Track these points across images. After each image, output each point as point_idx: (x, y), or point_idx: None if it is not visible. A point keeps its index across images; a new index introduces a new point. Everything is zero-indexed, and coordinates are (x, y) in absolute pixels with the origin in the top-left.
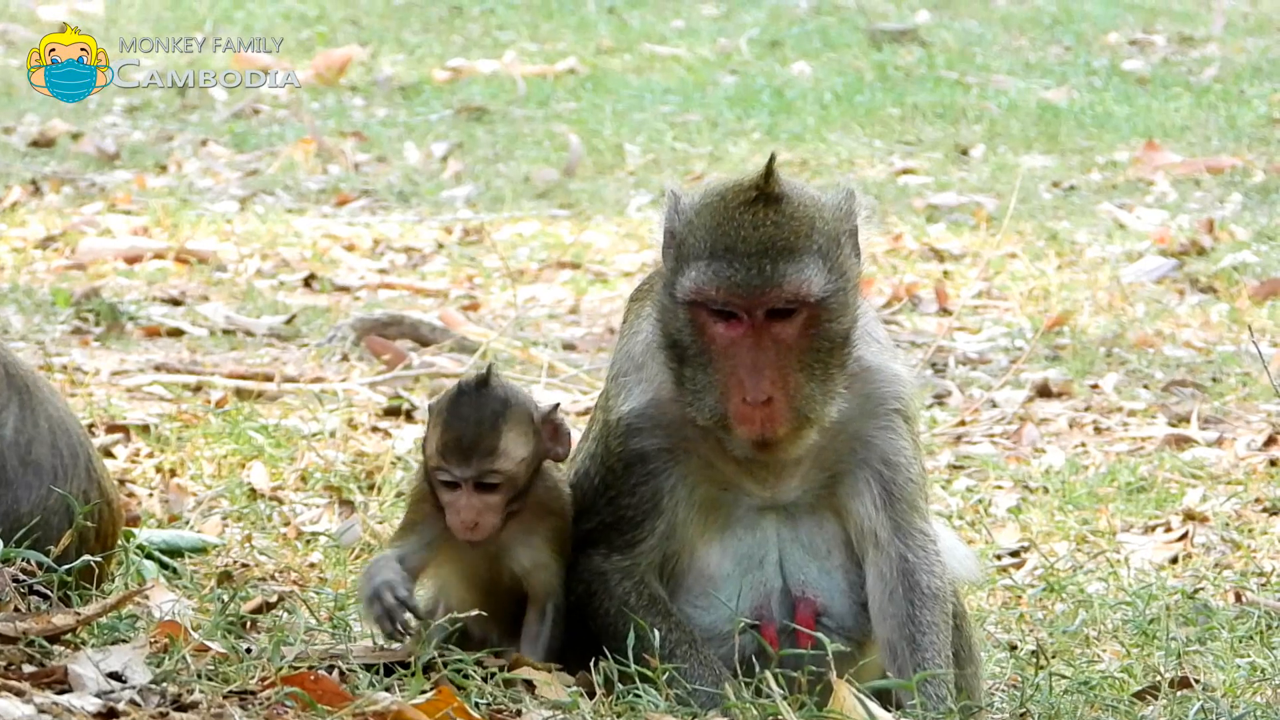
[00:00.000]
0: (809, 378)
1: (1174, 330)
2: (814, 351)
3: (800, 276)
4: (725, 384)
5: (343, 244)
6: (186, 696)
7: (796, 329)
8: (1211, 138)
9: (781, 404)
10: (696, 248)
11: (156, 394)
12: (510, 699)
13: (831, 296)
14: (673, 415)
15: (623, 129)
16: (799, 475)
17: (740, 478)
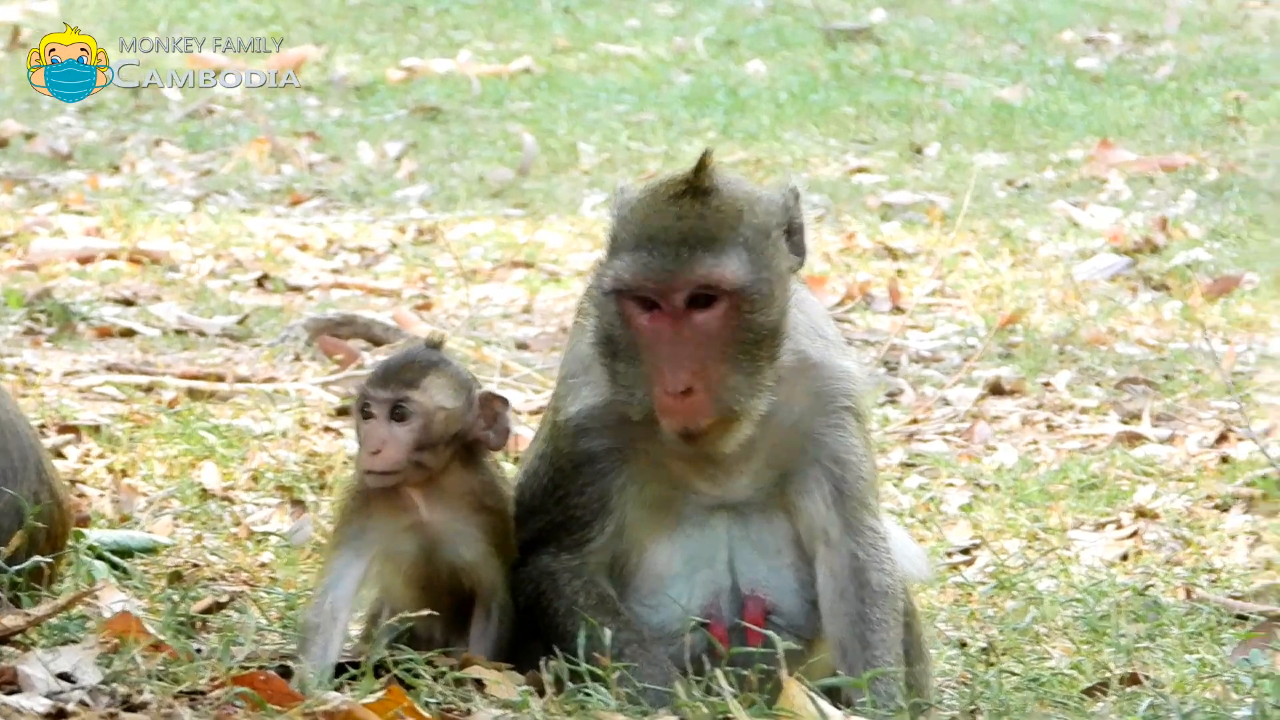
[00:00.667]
0: (733, 370)
1: (1127, 328)
2: (738, 344)
3: (717, 265)
4: (650, 376)
5: (296, 244)
6: (136, 697)
7: (718, 319)
8: (1166, 136)
9: (702, 395)
10: (625, 239)
11: (108, 394)
12: (460, 698)
13: (753, 287)
14: (620, 416)
15: (577, 128)
16: (749, 473)
17: (689, 476)
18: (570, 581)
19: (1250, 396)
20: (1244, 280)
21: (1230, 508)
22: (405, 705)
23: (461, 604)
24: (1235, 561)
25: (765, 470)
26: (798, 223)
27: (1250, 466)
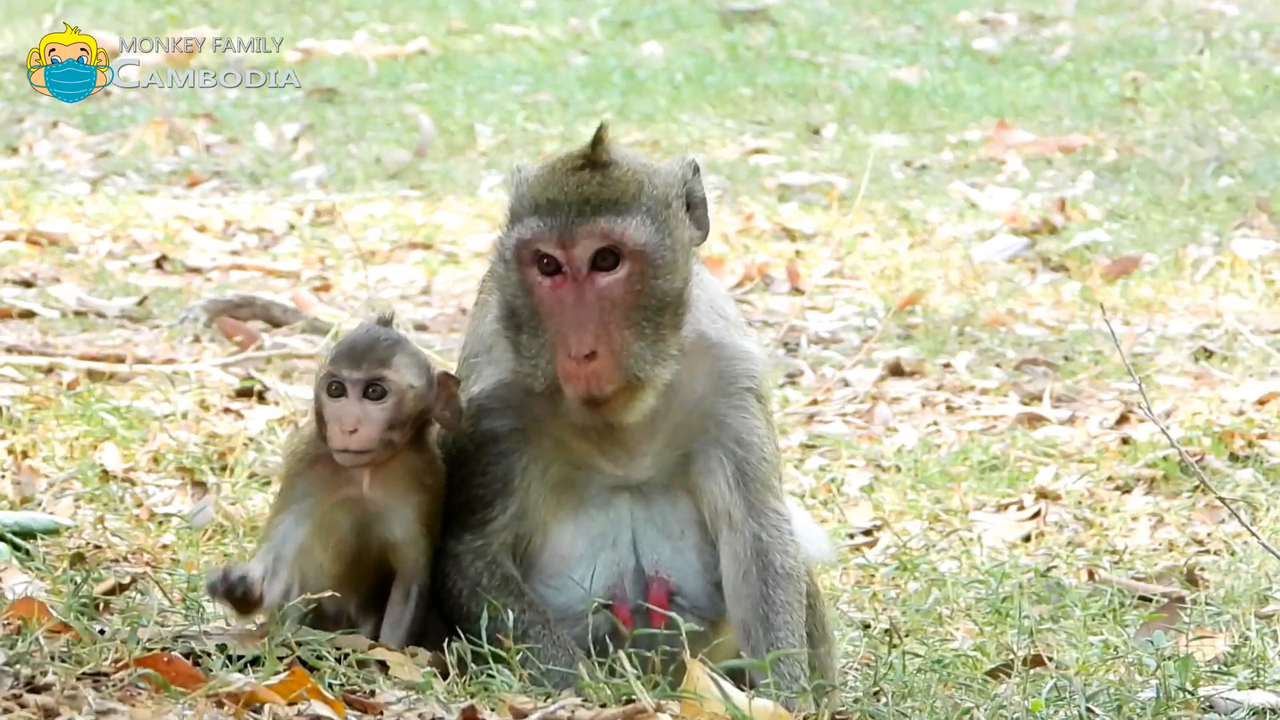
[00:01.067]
0: (637, 336)
1: (1026, 309)
2: (641, 309)
3: (620, 222)
4: (553, 342)
5: (194, 225)
6: (40, 679)
7: (621, 284)
8: (1063, 117)
9: (606, 360)
10: (526, 207)
11: (8, 375)
12: (364, 680)
13: (656, 251)
14: (523, 395)
15: (474, 110)
16: (651, 453)
17: (592, 456)
18: (473, 563)
19: (1150, 378)
20: (1143, 261)
21: (1132, 489)
22: (309, 687)
23: (379, 585)
24: (1138, 543)
25: (667, 450)
26: (698, 196)
27: (1151, 448)
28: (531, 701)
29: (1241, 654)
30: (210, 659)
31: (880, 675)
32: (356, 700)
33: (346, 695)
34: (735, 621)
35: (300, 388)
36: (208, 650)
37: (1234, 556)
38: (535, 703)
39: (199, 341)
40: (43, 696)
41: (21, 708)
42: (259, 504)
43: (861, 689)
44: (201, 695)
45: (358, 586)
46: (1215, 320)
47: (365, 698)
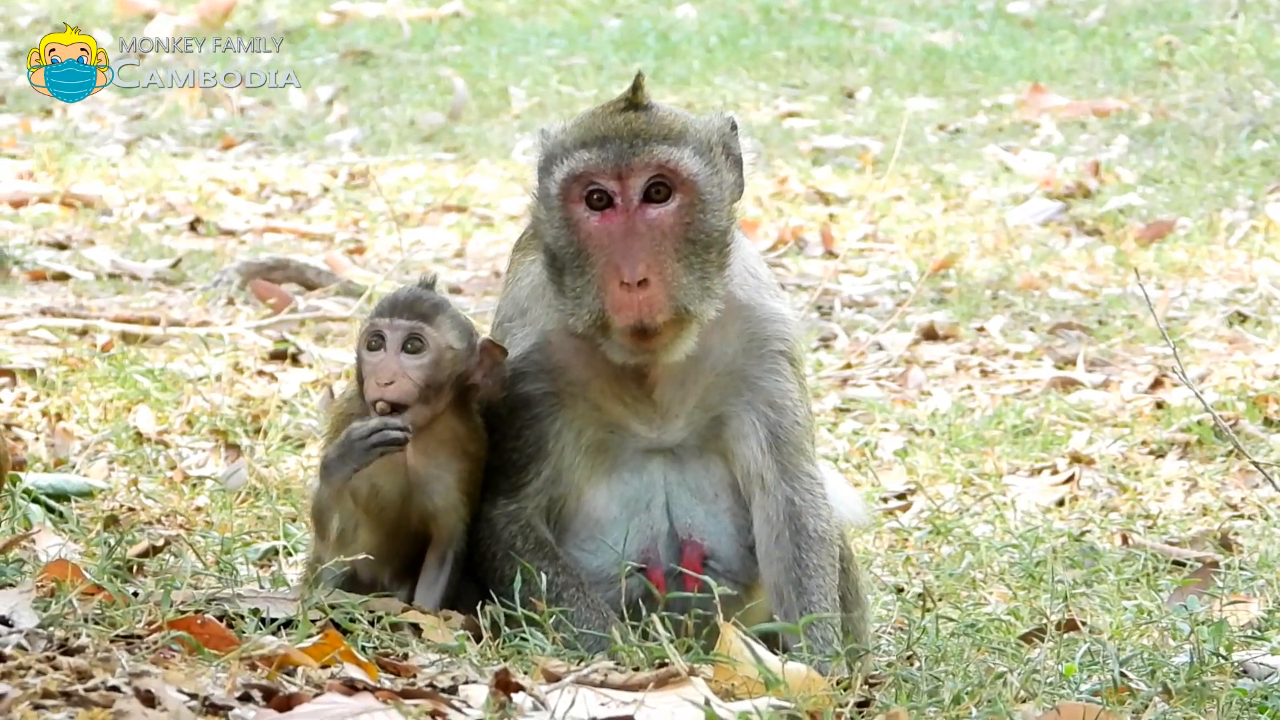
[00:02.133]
0: (686, 269)
1: (1060, 273)
2: (690, 243)
3: (675, 152)
4: (602, 275)
5: (228, 188)
6: (73, 640)
7: (672, 215)
8: (1097, 80)
9: (658, 288)
10: (567, 148)
11: (42, 338)
12: (397, 643)
13: (706, 186)
14: (558, 359)
15: (508, 72)
16: (684, 414)
17: (626, 418)
18: (507, 526)
19: (1184, 342)
20: (1177, 225)
21: (1166, 453)
22: (342, 650)
23: (415, 553)
24: (1171, 507)
25: (699, 412)
26: (736, 153)
27: (1185, 412)
28: (565, 665)
29: (1276, 619)
30: (244, 622)
31: (913, 639)
32: (389, 663)
33: (379, 658)
34: (768, 585)
35: (334, 350)
36: (241, 613)
37: (1268, 521)
38: (568, 666)
39: (233, 304)
40: (76, 659)
41: (55, 670)
42: (292, 466)
43: (895, 653)
44: (235, 658)
45: (394, 555)
46: (1249, 284)
47: (398, 660)
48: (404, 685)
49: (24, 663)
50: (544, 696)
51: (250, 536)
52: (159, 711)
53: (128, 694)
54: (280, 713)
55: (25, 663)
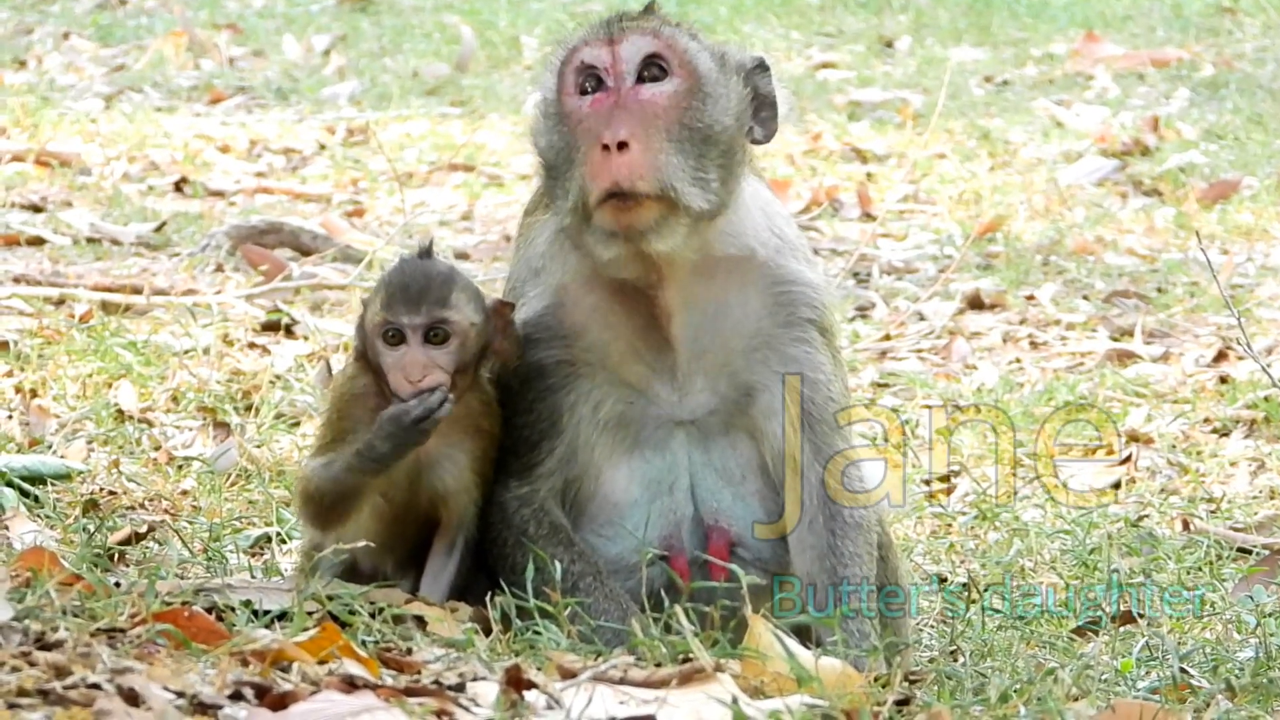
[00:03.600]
0: (677, 150)
1: (1116, 236)
2: (684, 128)
3: (675, 33)
4: (585, 151)
5: (216, 145)
6: (51, 634)
7: (666, 96)
8: (1156, 28)
9: (639, 153)
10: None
11: (15, 308)
12: (400, 636)
13: (709, 74)
14: (574, 319)
15: (519, 20)
16: (704, 374)
17: (647, 380)
18: (519, 510)
19: (1250, 311)
20: (1242, 185)
21: (1230, 432)
22: (340, 644)
23: (421, 540)
24: (1236, 490)
25: (724, 381)
26: (765, 93)
27: (1251, 388)
28: (581, 660)
29: None
30: (234, 614)
31: (957, 633)
32: (392, 659)
33: (381, 653)
34: (800, 574)
35: (331, 320)
36: (231, 604)
37: None
38: (585, 661)
39: (221, 271)
40: (53, 654)
41: (31, 665)
42: (286, 446)
43: (937, 647)
44: (225, 652)
45: (399, 542)
46: None
47: (401, 656)
48: (407, 682)
49: None
50: (558, 694)
51: (241, 522)
52: (143, 711)
53: (109, 692)
54: (274, 712)
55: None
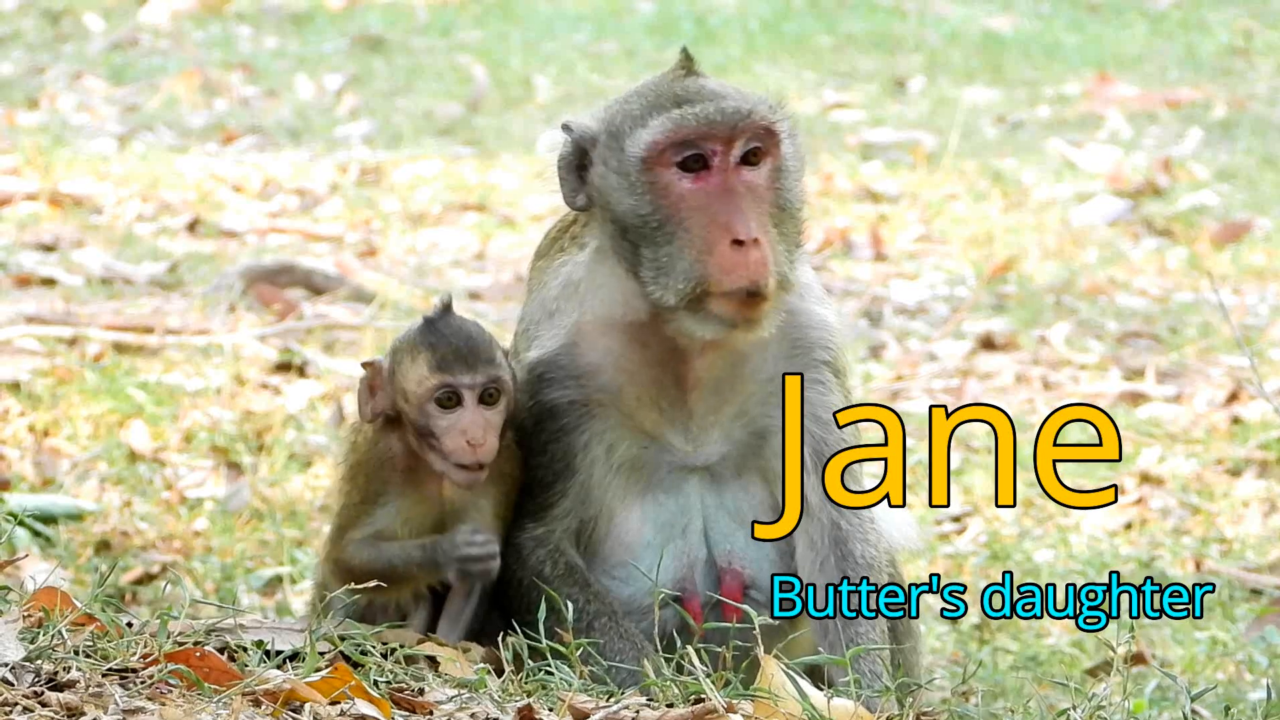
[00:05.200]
0: (779, 235)
1: (1128, 277)
2: (779, 209)
3: (774, 115)
4: (707, 237)
5: (229, 185)
6: (63, 674)
7: (764, 179)
8: (1169, 69)
9: (768, 248)
10: (641, 114)
11: (28, 348)
12: (412, 677)
13: (790, 151)
14: (589, 360)
15: (532, 60)
16: (719, 425)
17: (660, 428)
18: (534, 550)
19: (1262, 352)
20: (1255, 226)
21: (1242, 472)
22: (353, 685)
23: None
24: (1248, 531)
25: (737, 425)
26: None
27: (1264, 428)
28: (593, 700)
29: None
30: (246, 654)
31: (970, 673)
32: (404, 699)
33: (393, 693)
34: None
35: (343, 361)
36: (243, 645)
37: None
38: (597, 702)
39: (234, 311)
40: (66, 694)
41: (43, 706)
42: (298, 487)
43: (949, 688)
44: (237, 693)
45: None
46: None
47: (414, 696)
48: None
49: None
50: None
51: (253, 562)
52: None
53: None
54: None
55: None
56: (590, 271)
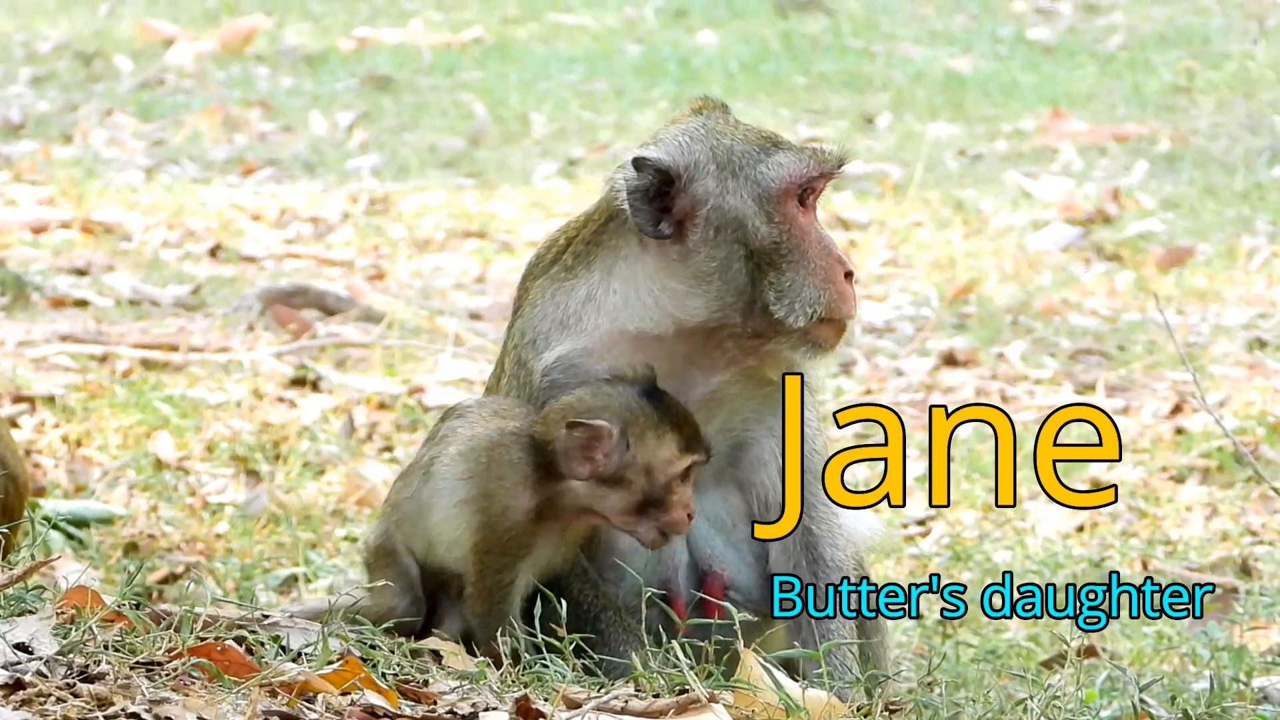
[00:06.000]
0: None
1: (1080, 298)
2: None
3: None
4: (827, 269)
5: (249, 214)
6: (94, 667)
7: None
8: (1117, 106)
9: None
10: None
11: (62, 364)
12: (417, 669)
13: None
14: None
15: (528, 98)
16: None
17: None
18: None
19: (1204, 368)
20: (1197, 251)
21: (1186, 479)
22: (362, 676)
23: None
24: (1192, 533)
25: (720, 438)
26: None
27: (1205, 438)
28: (585, 691)
29: None
30: (264, 648)
31: (934, 666)
32: (410, 690)
33: (400, 684)
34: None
35: (354, 376)
36: (261, 640)
37: None
38: (589, 692)
39: (253, 330)
40: (96, 686)
41: (75, 697)
42: (312, 493)
43: (915, 679)
44: (255, 684)
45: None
46: (1269, 310)
47: (419, 687)
48: (424, 712)
49: (44, 690)
50: None
51: (270, 563)
52: None
53: None
54: None
55: (45, 690)
56: (609, 289)
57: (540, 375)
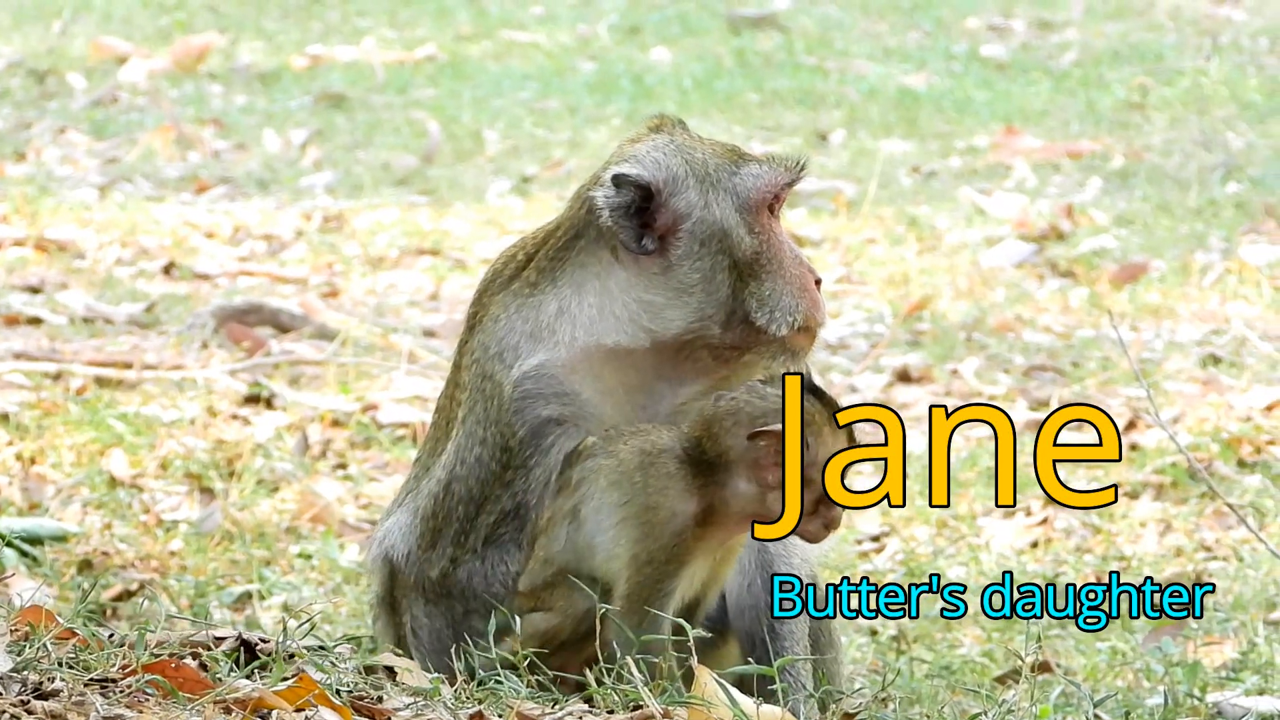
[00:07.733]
0: None
1: (1034, 315)
2: None
3: None
4: (800, 277)
5: (202, 231)
6: (48, 684)
7: None
8: (1071, 122)
9: None
10: (721, 162)
11: (16, 382)
12: (371, 686)
13: None
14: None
15: (482, 116)
16: None
17: None
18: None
19: (1158, 384)
20: (1150, 267)
21: (1140, 495)
22: (316, 693)
23: None
24: (1145, 549)
25: None
26: None
27: (1159, 454)
28: (539, 707)
29: (1249, 660)
30: (218, 665)
31: (888, 681)
32: (364, 706)
33: (354, 701)
34: (740, 633)
35: (308, 394)
36: (215, 656)
37: (1241, 563)
38: (543, 709)
39: (207, 347)
40: (50, 703)
41: (29, 714)
42: (266, 510)
43: (869, 695)
44: (209, 701)
45: None
46: (1223, 326)
47: (373, 704)
48: None
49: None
50: None
51: (224, 580)
52: None
53: None
54: None
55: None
56: (581, 303)
57: (512, 387)
